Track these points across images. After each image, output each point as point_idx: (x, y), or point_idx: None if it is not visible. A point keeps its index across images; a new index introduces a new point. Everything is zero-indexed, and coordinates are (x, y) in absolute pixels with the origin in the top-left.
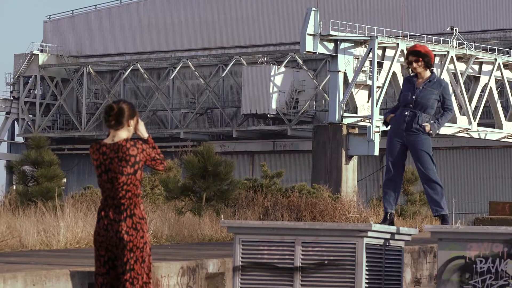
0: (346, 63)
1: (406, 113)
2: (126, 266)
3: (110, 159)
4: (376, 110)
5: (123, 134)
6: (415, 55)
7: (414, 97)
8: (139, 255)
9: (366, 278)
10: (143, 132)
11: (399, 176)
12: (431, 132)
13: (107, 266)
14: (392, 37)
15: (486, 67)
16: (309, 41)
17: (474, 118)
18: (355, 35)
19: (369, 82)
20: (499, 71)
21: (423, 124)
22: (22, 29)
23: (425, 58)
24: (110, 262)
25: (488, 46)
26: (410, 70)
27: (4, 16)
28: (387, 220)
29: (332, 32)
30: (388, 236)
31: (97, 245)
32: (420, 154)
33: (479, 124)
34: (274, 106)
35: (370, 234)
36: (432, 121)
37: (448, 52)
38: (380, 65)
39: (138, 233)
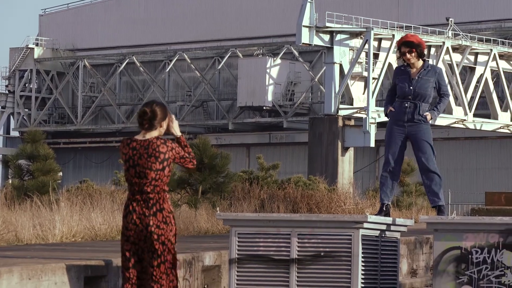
0: (342, 55)
1: (406, 104)
2: (159, 259)
3: (139, 154)
4: (372, 101)
5: (155, 133)
6: (408, 45)
7: (411, 88)
8: (170, 246)
9: (362, 269)
10: (177, 131)
11: (397, 168)
12: (431, 120)
13: (132, 260)
14: (387, 28)
15: (481, 58)
16: (305, 33)
17: (470, 109)
18: (351, 26)
19: (365, 74)
20: (494, 62)
21: (424, 114)
22: (17, 23)
23: (418, 48)
24: (136, 256)
25: (484, 37)
26: (402, 60)
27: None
28: (383, 211)
29: (327, 24)
30: (384, 227)
31: (124, 239)
32: (422, 144)
33: (474, 115)
34: (270, 98)
35: (366, 225)
36: (431, 109)
37: (443, 43)
38: (376, 56)
39: (168, 227)
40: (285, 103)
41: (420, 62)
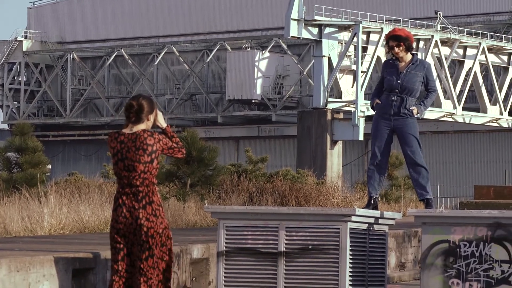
0: (330, 48)
1: (393, 98)
2: (147, 252)
3: (127, 147)
4: (361, 95)
5: (142, 126)
6: (396, 39)
7: (399, 81)
8: (159, 240)
9: (350, 263)
10: (162, 123)
11: (384, 161)
12: (418, 114)
13: (122, 253)
14: (376, 21)
15: (470, 51)
16: (294, 26)
17: (459, 102)
18: (340, 19)
19: (354, 67)
20: (483, 55)
21: (410, 108)
22: (6, 16)
23: (406, 42)
24: (126, 249)
25: (473, 30)
26: (391, 54)
27: None
28: (371, 204)
29: (316, 17)
30: (372, 220)
31: (114, 233)
32: (408, 138)
33: (463, 109)
34: (258, 91)
35: (354, 218)
36: (418, 104)
37: (432, 36)
38: (364, 49)
39: (157, 219)
40: (274, 96)
41: (409, 56)
